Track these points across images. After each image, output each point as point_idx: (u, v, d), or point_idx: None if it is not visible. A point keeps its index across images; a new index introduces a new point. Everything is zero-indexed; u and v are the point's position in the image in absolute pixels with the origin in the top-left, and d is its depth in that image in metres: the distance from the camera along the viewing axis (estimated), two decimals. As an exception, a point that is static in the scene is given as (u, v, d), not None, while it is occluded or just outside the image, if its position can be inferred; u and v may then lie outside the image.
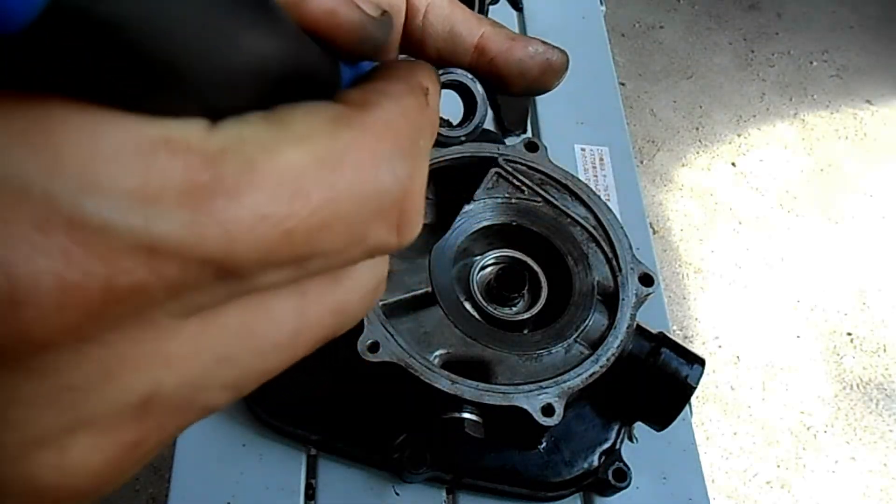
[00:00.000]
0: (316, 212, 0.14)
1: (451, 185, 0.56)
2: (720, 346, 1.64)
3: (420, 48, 0.26)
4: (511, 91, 0.30)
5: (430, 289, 0.51)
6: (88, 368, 0.13)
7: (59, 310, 0.12)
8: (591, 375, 0.49)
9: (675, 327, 1.63)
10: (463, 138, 0.37)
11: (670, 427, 0.53)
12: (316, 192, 0.14)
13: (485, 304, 0.54)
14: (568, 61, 0.30)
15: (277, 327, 0.16)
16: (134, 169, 0.12)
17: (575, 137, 0.77)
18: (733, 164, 1.94)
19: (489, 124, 0.77)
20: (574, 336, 0.51)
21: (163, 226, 0.12)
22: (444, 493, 0.56)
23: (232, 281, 0.14)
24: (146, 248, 0.12)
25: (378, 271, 0.18)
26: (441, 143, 0.35)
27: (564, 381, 0.49)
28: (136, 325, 0.13)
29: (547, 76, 0.29)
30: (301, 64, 0.17)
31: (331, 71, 0.19)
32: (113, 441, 0.14)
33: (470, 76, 0.30)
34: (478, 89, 0.32)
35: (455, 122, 0.37)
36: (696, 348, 1.42)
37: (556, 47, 0.30)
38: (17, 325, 0.12)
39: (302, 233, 0.14)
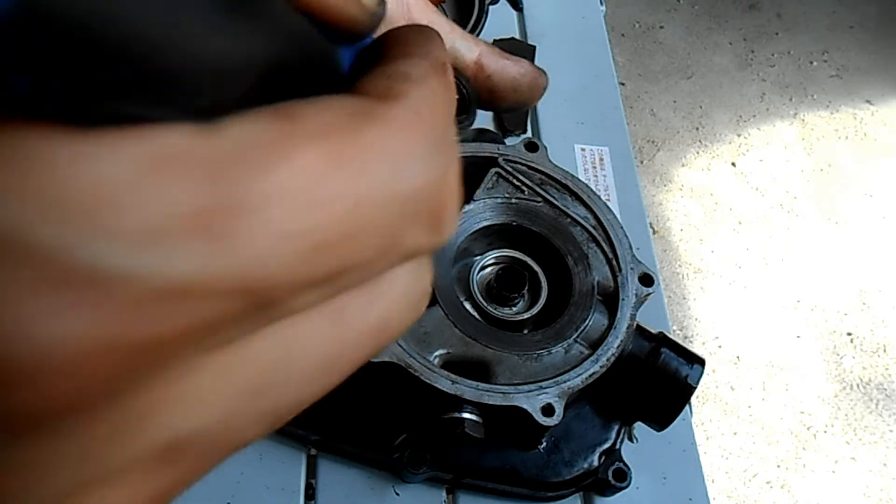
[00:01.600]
0: (344, 220, 0.12)
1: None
2: (720, 346, 1.64)
3: None
4: (500, 105, 0.32)
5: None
6: (110, 423, 0.12)
7: (75, 376, 0.10)
8: (591, 375, 0.49)
9: (675, 327, 1.63)
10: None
11: (670, 427, 0.53)
12: (341, 197, 0.12)
13: (485, 304, 0.54)
14: (548, 80, 0.33)
15: (315, 352, 0.14)
16: (141, 202, 0.11)
17: (575, 137, 0.77)
18: (733, 164, 1.94)
19: (489, 124, 0.77)
20: (574, 336, 0.51)
21: (181, 263, 0.11)
22: (444, 493, 0.56)
23: (262, 309, 0.12)
24: (167, 291, 0.11)
25: (421, 280, 0.16)
26: None
27: (564, 381, 0.49)
28: (162, 371, 0.12)
29: (534, 92, 0.32)
30: (296, 50, 0.15)
31: (329, 51, 0.18)
32: (140, 491, 0.13)
33: (454, 74, 0.30)
34: (468, 87, 0.33)
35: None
36: (696, 348, 1.42)
37: (539, 68, 0.33)
38: (39, 390, 0.10)
39: (331, 246, 0.12)
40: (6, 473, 0.11)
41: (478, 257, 0.56)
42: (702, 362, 0.52)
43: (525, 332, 0.54)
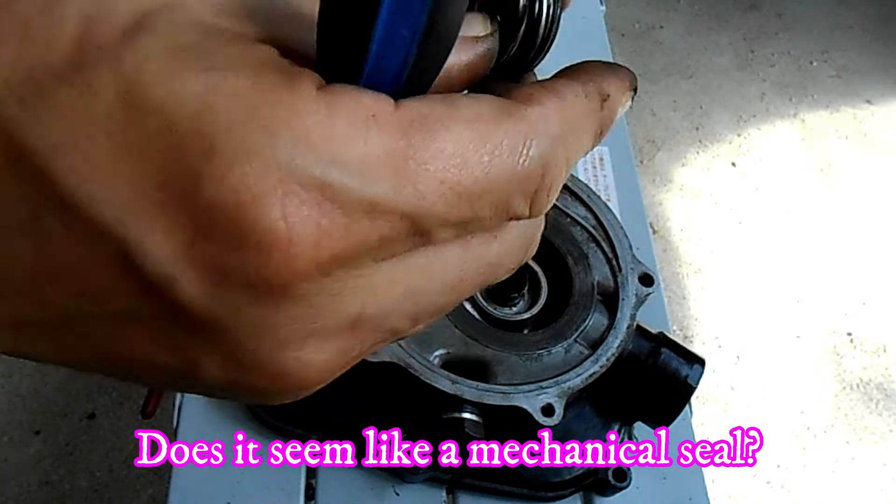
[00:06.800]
0: (478, 181, 0.18)
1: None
2: (720, 346, 1.64)
3: None
4: None
5: (430, 289, 0.51)
6: (322, 294, 0.17)
7: (315, 249, 0.16)
8: (591, 375, 0.50)
9: (675, 327, 1.63)
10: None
11: (670, 427, 0.53)
12: (479, 164, 0.18)
13: (485, 304, 0.54)
14: None
15: (447, 272, 0.19)
16: (357, 142, 0.16)
17: (575, 137, 0.77)
18: (733, 164, 1.94)
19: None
20: (574, 336, 0.51)
21: (378, 188, 0.16)
22: (444, 493, 0.56)
23: (418, 235, 0.18)
24: (368, 206, 0.16)
25: (528, 234, 0.22)
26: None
27: (564, 381, 0.49)
28: (354, 264, 0.17)
29: None
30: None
31: None
32: (332, 346, 0.19)
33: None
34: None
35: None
36: (696, 348, 1.41)
37: None
38: (288, 261, 0.16)
39: (467, 199, 0.18)
40: (247, 325, 0.17)
41: (478, 257, 0.56)
42: (702, 362, 0.52)
43: (525, 332, 0.54)
